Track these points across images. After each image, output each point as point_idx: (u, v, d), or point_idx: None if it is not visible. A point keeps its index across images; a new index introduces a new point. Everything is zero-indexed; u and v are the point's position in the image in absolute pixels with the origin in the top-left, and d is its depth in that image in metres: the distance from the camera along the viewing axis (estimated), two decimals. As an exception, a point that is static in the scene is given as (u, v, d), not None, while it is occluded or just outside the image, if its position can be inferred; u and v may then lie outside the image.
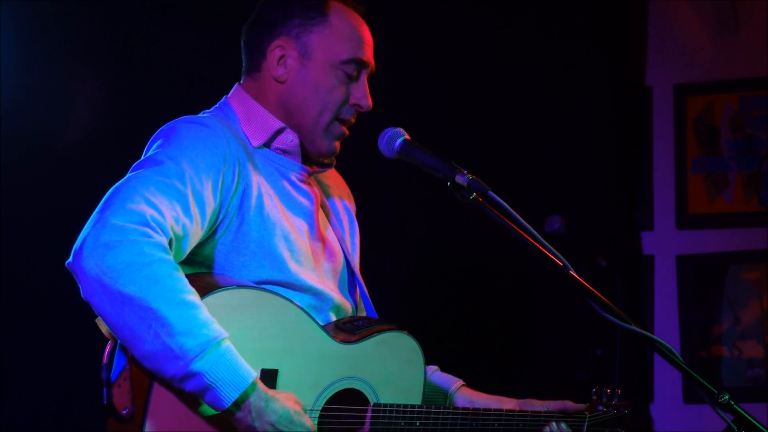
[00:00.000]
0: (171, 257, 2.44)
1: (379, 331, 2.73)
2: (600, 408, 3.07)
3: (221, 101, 2.84)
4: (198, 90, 3.57)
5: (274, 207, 2.70)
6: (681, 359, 2.57)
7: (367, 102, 2.82)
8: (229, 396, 2.40)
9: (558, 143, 5.15)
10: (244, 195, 2.65)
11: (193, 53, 4.32)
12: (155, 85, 4.25)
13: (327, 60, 2.76)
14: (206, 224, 2.58)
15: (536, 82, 5.14)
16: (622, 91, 5.37)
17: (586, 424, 3.03)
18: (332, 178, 3.01)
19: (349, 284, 2.93)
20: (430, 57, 4.94)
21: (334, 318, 2.79)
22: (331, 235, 2.88)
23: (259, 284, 2.62)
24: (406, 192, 4.79)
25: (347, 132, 2.83)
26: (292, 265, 2.71)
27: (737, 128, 5.38)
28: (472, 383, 3.01)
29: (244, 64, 2.86)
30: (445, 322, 4.93)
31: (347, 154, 2.99)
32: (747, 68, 5.35)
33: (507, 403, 2.93)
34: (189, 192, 2.53)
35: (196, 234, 2.56)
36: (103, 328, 2.49)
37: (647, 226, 5.44)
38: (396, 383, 2.73)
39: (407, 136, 2.78)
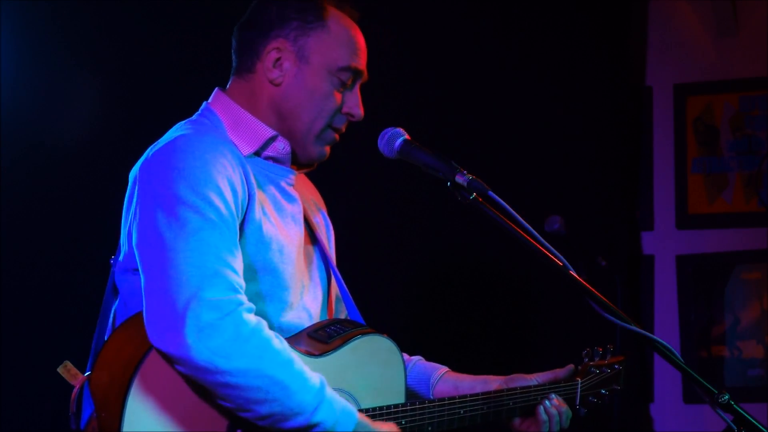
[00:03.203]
0: (256, 316, 2.44)
1: (353, 337, 2.71)
2: (593, 370, 3.06)
3: (203, 107, 2.78)
4: (198, 90, 3.56)
5: (269, 220, 2.67)
6: (681, 359, 2.56)
7: (359, 111, 2.76)
8: None
9: (558, 143, 5.15)
10: (248, 210, 2.61)
11: (193, 53, 4.33)
12: (155, 85, 4.25)
13: (324, 65, 2.71)
14: None
15: (536, 82, 5.14)
16: (622, 91, 5.37)
17: (579, 390, 3.02)
18: (305, 183, 2.95)
19: (328, 288, 2.89)
20: (430, 57, 4.94)
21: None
22: (311, 241, 2.84)
23: (252, 299, 2.54)
24: (406, 192, 4.79)
25: (338, 139, 2.78)
26: (285, 276, 2.68)
27: (737, 128, 5.38)
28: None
29: (234, 65, 2.79)
30: (444, 323, 4.93)
31: (347, 154, 2.99)
32: (747, 68, 5.35)
33: (493, 382, 2.92)
34: (230, 225, 2.49)
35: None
36: (67, 376, 2.48)
37: (647, 226, 5.43)
38: (376, 386, 2.72)
39: (407, 136, 2.77)
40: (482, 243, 4.88)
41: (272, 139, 2.71)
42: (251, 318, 2.41)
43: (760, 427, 2.44)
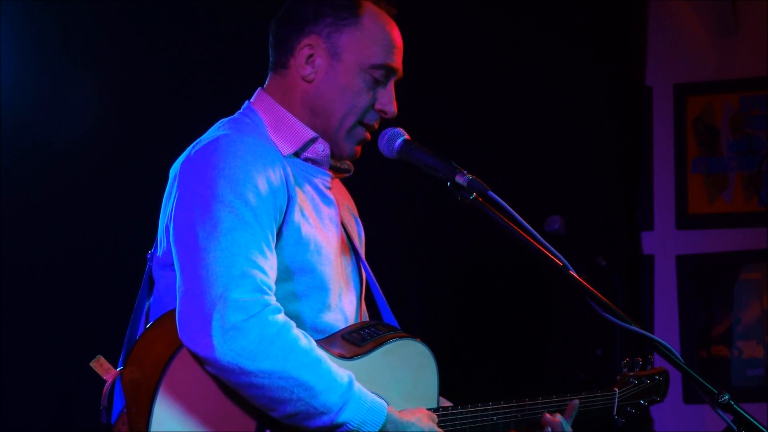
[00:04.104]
0: (285, 315, 2.45)
1: (386, 341, 2.69)
2: (632, 381, 3.06)
3: (245, 106, 2.76)
4: (198, 90, 3.58)
5: (308, 222, 2.66)
6: (681, 359, 2.57)
7: (392, 108, 2.75)
8: None
9: (558, 143, 5.15)
10: (288, 211, 2.60)
11: (193, 53, 4.33)
12: (155, 86, 4.25)
13: (356, 62, 2.69)
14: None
15: (536, 82, 5.14)
16: (622, 91, 5.37)
17: (616, 401, 3.02)
18: (339, 187, 2.94)
19: (362, 292, 2.89)
20: (430, 57, 4.94)
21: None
22: (347, 244, 2.84)
23: (281, 299, 2.55)
24: (406, 192, 4.79)
25: (369, 137, 2.77)
26: (323, 277, 2.67)
27: (737, 128, 5.38)
28: (471, 383, 3.01)
29: (271, 60, 2.76)
30: (445, 325, 4.93)
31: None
32: (747, 68, 5.35)
33: None
34: (267, 231, 2.50)
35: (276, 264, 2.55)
36: (100, 370, 2.49)
37: (647, 226, 5.43)
38: (408, 391, 2.70)
39: (407, 136, 2.77)
40: (480, 245, 4.89)
41: (313, 140, 2.70)
42: (278, 318, 2.41)
43: (760, 427, 2.44)
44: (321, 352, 2.46)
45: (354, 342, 2.68)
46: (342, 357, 2.61)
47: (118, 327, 2.72)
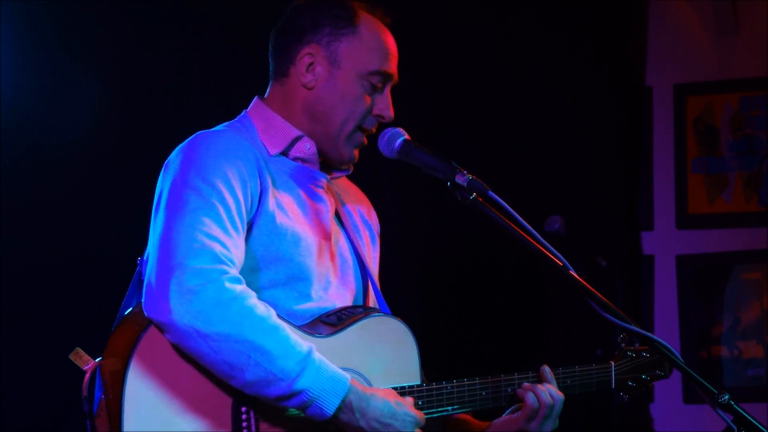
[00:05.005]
0: (245, 286, 2.51)
1: (362, 317, 2.73)
2: (629, 354, 3.05)
3: (241, 114, 2.86)
4: (198, 90, 3.58)
5: (287, 214, 2.72)
6: (681, 359, 2.57)
7: (390, 113, 2.84)
8: (332, 404, 2.49)
9: (558, 143, 5.15)
10: (261, 200, 2.68)
11: (193, 53, 4.33)
12: (155, 86, 4.25)
13: (355, 70, 2.78)
14: (245, 235, 2.64)
15: (536, 82, 5.14)
16: (622, 91, 5.37)
17: (613, 373, 3.02)
18: (356, 194, 3.04)
19: (364, 292, 2.93)
20: (430, 57, 4.94)
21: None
22: (345, 244, 2.89)
23: (262, 287, 2.65)
24: (406, 193, 4.79)
25: (366, 141, 2.85)
26: (301, 267, 2.72)
27: (737, 128, 5.38)
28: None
29: (271, 69, 2.86)
30: (445, 323, 4.93)
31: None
32: (747, 68, 5.35)
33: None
34: (233, 213, 2.58)
35: (244, 248, 2.62)
36: (79, 362, 2.56)
37: (647, 226, 5.44)
38: (389, 368, 2.72)
39: (407, 136, 2.79)
40: (481, 244, 4.88)
41: (298, 138, 2.79)
42: (236, 287, 2.47)
43: (760, 427, 2.44)
44: (280, 322, 2.51)
45: (331, 323, 2.73)
46: (318, 335, 2.65)
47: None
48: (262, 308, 2.49)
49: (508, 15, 5.12)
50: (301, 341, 2.50)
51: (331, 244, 2.83)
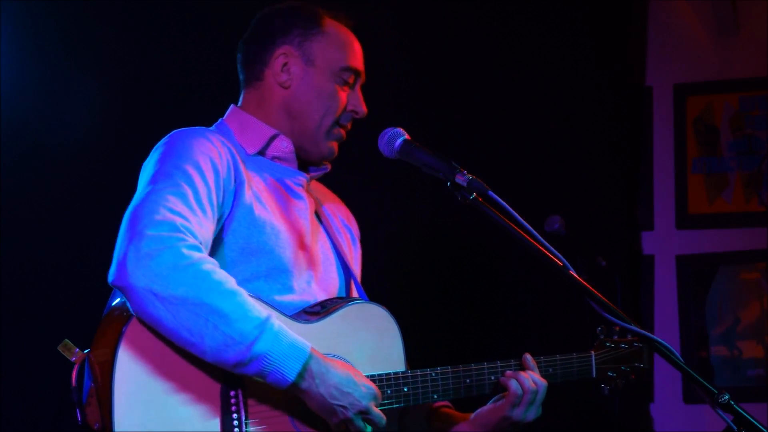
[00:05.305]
0: (206, 255, 2.55)
1: (345, 304, 2.77)
2: (608, 345, 3.11)
3: (217, 122, 2.95)
4: (198, 90, 3.59)
5: (265, 207, 2.77)
6: (681, 359, 2.57)
7: (363, 109, 2.95)
8: (293, 369, 2.50)
9: (558, 143, 5.15)
10: (237, 193, 2.73)
11: (193, 54, 4.33)
12: (155, 86, 4.26)
13: (328, 67, 2.89)
14: (216, 222, 2.69)
15: (536, 82, 5.14)
16: (622, 91, 5.37)
17: (594, 362, 3.07)
18: (334, 200, 3.12)
19: (346, 289, 2.96)
20: (429, 57, 4.94)
21: None
22: (327, 242, 2.93)
23: (245, 280, 2.68)
24: (407, 192, 4.79)
25: (344, 137, 2.95)
26: (282, 260, 2.77)
27: (737, 128, 5.38)
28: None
29: (242, 77, 2.96)
30: (443, 321, 4.93)
31: (345, 153, 3.01)
32: (747, 68, 5.35)
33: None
34: (201, 196, 2.63)
35: (211, 232, 2.67)
36: (67, 353, 2.62)
37: (647, 226, 5.43)
38: (373, 354, 2.75)
39: (407, 136, 2.80)
40: (482, 242, 4.89)
41: (274, 137, 2.87)
42: (193, 253, 2.50)
43: (760, 427, 2.44)
44: (239, 289, 2.52)
45: (315, 312, 2.77)
46: (303, 322, 2.69)
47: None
48: (220, 273, 2.51)
49: (508, 15, 5.11)
50: (261, 308, 2.52)
51: (311, 240, 2.88)
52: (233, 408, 2.55)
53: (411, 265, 4.92)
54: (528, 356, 2.96)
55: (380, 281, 3.14)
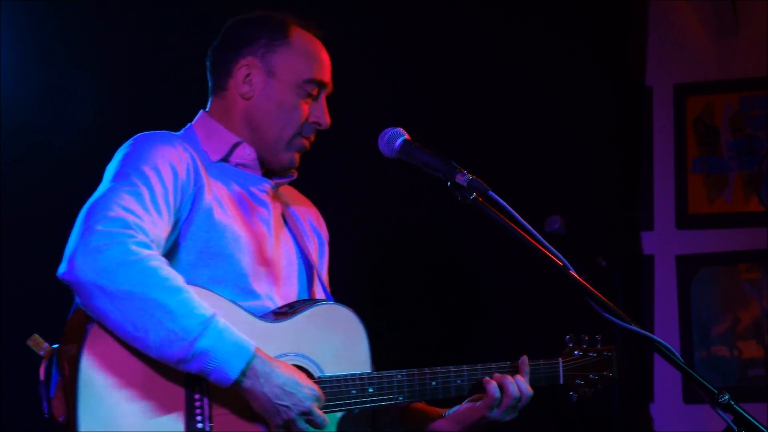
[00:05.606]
0: (156, 252, 2.57)
1: (310, 305, 2.79)
2: (576, 353, 3.11)
3: (186, 127, 2.99)
4: (198, 90, 3.58)
5: (226, 212, 2.80)
6: (681, 359, 2.57)
7: (326, 120, 2.97)
8: (237, 367, 2.51)
9: (558, 143, 5.15)
10: (196, 198, 2.76)
11: (193, 54, 4.32)
12: (155, 86, 4.26)
13: (290, 79, 2.92)
14: (171, 224, 2.71)
15: (536, 82, 5.13)
16: (622, 91, 5.37)
17: (561, 369, 3.07)
18: (304, 203, 3.14)
19: (309, 295, 2.98)
20: (430, 57, 4.94)
21: None
22: (293, 247, 2.95)
23: (204, 283, 2.70)
24: (407, 192, 4.79)
25: (308, 147, 2.97)
26: (242, 264, 2.79)
27: (737, 128, 5.38)
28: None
29: (210, 84, 3.02)
30: (443, 320, 4.93)
31: (344, 153, 3.01)
32: (747, 68, 5.35)
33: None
34: (157, 197, 2.66)
35: (166, 234, 2.69)
36: (37, 349, 2.67)
37: (647, 226, 5.43)
38: (339, 354, 2.77)
39: (407, 136, 2.81)
40: (483, 241, 4.89)
41: (237, 144, 2.90)
42: (142, 249, 2.53)
43: (760, 427, 2.45)
44: (185, 286, 2.55)
45: (283, 312, 2.79)
46: (268, 321, 2.71)
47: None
48: (167, 270, 2.54)
49: (508, 15, 5.11)
50: (208, 307, 2.54)
51: (273, 245, 2.89)
52: (197, 411, 2.56)
53: (386, 266, 4.91)
54: (524, 359, 2.98)
55: (354, 283, 3.16)
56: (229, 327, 2.53)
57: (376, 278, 4.74)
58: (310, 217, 3.12)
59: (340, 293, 3.20)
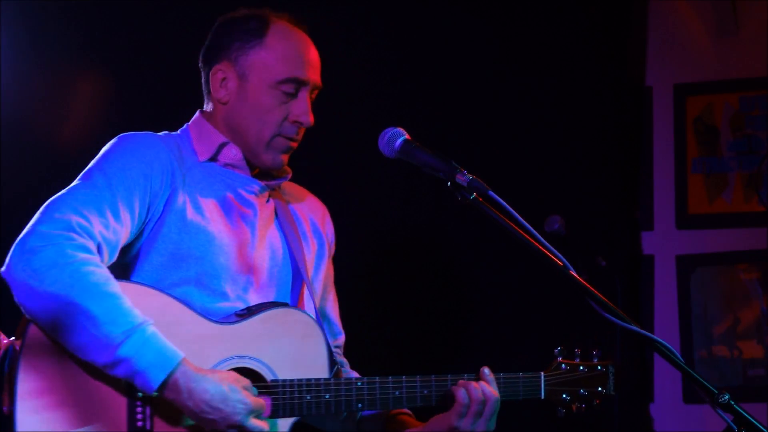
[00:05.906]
0: (94, 257, 2.57)
1: (268, 308, 2.77)
2: (563, 367, 3.02)
3: (183, 126, 3.01)
4: (197, 90, 3.57)
5: (202, 213, 2.79)
6: (681, 359, 2.57)
7: (308, 119, 2.92)
8: (157, 378, 2.50)
9: (558, 143, 5.15)
10: (170, 200, 2.76)
11: (193, 54, 4.32)
12: (155, 86, 4.25)
13: (264, 81, 2.90)
14: (135, 226, 2.71)
15: (536, 82, 5.13)
16: (622, 91, 5.36)
17: (543, 383, 2.98)
18: (310, 204, 3.10)
19: (293, 299, 2.96)
20: (430, 57, 4.94)
21: None
22: (278, 248, 2.91)
23: (174, 284, 2.71)
24: (407, 192, 4.79)
25: (294, 145, 2.94)
26: (214, 266, 2.78)
27: (737, 128, 5.38)
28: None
29: (203, 87, 3.04)
30: (442, 320, 4.93)
31: (344, 153, 3.01)
32: (747, 68, 5.35)
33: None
34: (118, 199, 2.66)
35: (125, 236, 2.70)
36: None
37: (647, 226, 5.43)
38: (295, 359, 2.74)
39: (407, 136, 2.80)
40: (484, 241, 4.89)
41: (223, 145, 2.91)
42: (78, 253, 2.54)
43: (760, 427, 2.45)
44: (118, 291, 2.54)
45: (241, 314, 2.77)
46: (222, 323, 2.69)
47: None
48: (101, 276, 2.54)
49: (508, 15, 5.11)
50: (137, 314, 2.53)
51: (256, 246, 2.87)
52: (138, 421, 2.58)
53: (386, 266, 4.90)
54: (486, 369, 2.90)
55: (354, 283, 3.14)
56: (158, 336, 2.53)
57: (376, 278, 4.74)
58: (313, 218, 3.09)
59: (340, 293, 3.20)
